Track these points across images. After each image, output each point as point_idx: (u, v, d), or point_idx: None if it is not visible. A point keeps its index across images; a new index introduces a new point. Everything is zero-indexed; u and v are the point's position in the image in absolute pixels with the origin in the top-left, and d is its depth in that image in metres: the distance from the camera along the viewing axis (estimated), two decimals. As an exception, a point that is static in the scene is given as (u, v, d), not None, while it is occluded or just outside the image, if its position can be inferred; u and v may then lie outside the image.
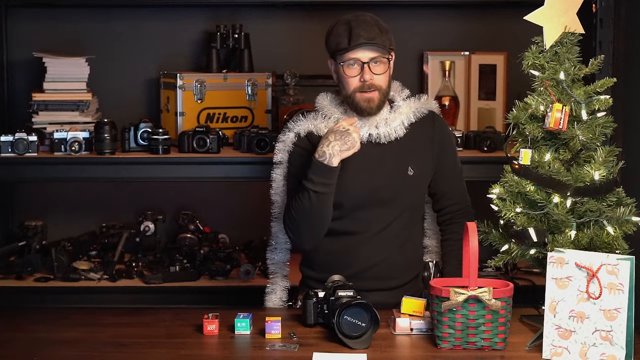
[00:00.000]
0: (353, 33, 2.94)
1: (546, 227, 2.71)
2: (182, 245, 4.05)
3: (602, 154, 2.67)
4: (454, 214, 3.12)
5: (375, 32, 2.95)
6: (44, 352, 2.59)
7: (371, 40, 2.94)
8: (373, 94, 2.98)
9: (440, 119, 3.14)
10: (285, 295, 3.15)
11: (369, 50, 2.95)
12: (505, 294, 2.57)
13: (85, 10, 4.15)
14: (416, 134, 3.06)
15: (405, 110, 3.05)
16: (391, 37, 3.01)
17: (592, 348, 2.47)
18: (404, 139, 3.03)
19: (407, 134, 3.04)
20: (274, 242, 3.16)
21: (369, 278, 3.00)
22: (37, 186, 4.21)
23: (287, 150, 3.07)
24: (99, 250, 4.09)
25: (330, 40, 3.01)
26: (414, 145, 3.05)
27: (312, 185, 2.89)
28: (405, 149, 3.04)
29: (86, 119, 3.84)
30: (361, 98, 2.98)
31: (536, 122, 2.72)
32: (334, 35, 2.99)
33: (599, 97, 2.70)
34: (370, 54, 2.95)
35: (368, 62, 2.95)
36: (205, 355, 2.59)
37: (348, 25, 2.96)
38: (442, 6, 4.16)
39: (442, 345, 2.58)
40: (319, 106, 3.09)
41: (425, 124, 3.08)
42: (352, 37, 2.93)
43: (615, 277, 2.45)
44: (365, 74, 2.95)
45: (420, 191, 3.09)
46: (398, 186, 3.02)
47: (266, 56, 4.13)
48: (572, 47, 2.74)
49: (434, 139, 3.09)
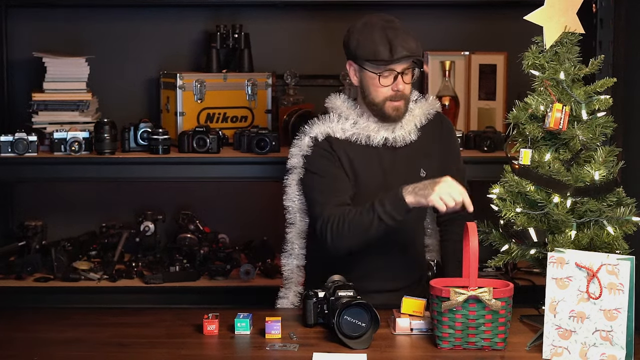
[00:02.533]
0: (394, 44, 2.88)
1: (546, 227, 2.71)
2: (182, 245, 4.05)
3: (602, 154, 2.67)
4: (454, 213, 3.11)
5: (413, 43, 2.91)
6: (44, 352, 2.59)
7: (413, 52, 2.90)
8: (401, 103, 2.97)
9: (447, 121, 3.15)
10: (297, 300, 3.09)
11: (407, 62, 2.93)
12: (505, 294, 2.57)
13: (85, 10, 4.15)
14: (427, 136, 3.06)
15: (417, 112, 3.05)
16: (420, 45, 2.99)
17: (592, 348, 2.47)
18: (416, 141, 3.03)
19: (419, 136, 3.04)
20: (290, 247, 3.11)
21: (376, 279, 3.00)
22: (37, 186, 4.21)
23: (302, 154, 3.01)
24: (99, 250, 4.09)
25: (364, 47, 2.92)
26: (424, 147, 3.05)
27: (382, 210, 2.82)
28: (417, 151, 3.03)
29: (86, 119, 3.84)
30: (390, 106, 2.96)
31: (536, 122, 2.72)
32: (369, 42, 2.91)
33: (599, 97, 2.70)
34: (406, 64, 2.93)
35: (402, 72, 2.93)
36: (205, 355, 2.59)
37: (384, 33, 2.90)
38: (442, 6, 4.16)
39: (442, 345, 2.58)
40: (331, 107, 3.05)
41: (434, 126, 3.09)
42: (395, 50, 2.88)
43: (616, 277, 2.45)
44: (399, 84, 2.93)
45: None
46: None
47: (266, 56, 4.13)
48: (572, 47, 2.74)
49: (442, 140, 3.09)
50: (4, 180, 4.02)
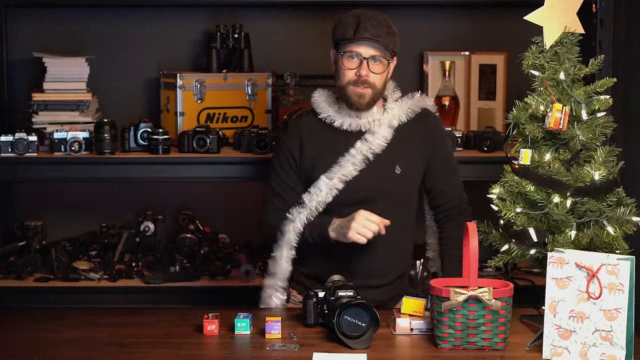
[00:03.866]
0: (361, 26, 2.95)
1: (546, 227, 2.71)
2: (182, 245, 4.05)
3: (602, 154, 2.67)
4: (450, 211, 3.12)
5: (382, 31, 2.97)
6: (44, 352, 2.59)
7: (376, 37, 2.96)
8: (366, 91, 2.99)
9: (433, 117, 3.14)
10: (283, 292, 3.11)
11: (372, 48, 2.97)
12: (505, 294, 2.57)
13: (85, 10, 4.15)
14: (407, 133, 3.07)
15: (397, 112, 3.07)
16: (397, 41, 3.02)
17: (592, 348, 2.47)
18: (393, 139, 3.05)
19: (397, 134, 3.06)
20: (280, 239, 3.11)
21: (355, 275, 3.00)
22: (37, 186, 4.21)
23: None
24: (99, 250, 4.09)
25: (337, 29, 3.02)
26: (403, 144, 3.06)
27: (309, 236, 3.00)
28: (393, 148, 3.05)
29: (86, 119, 3.84)
30: (353, 92, 3.00)
31: (536, 122, 2.72)
32: (342, 24, 3.00)
33: (599, 97, 2.70)
34: (373, 51, 2.97)
35: (369, 58, 2.97)
36: (205, 355, 2.59)
37: (358, 17, 2.98)
38: (442, 6, 4.15)
39: (442, 345, 2.58)
40: (314, 103, 3.12)
41: (417, 123, 3.09)
42: (359, 30, 2.95)
43: (616, 277, 2.45)
44: (362, 69, 2.97)
45: (408, 190, 3.10)
46: (384, 184, 3.04)
47: (266, 56, 4.13)
48: (572, 47, 2.75)
49: (426, 137, 3.10)
50: (4, 180, 4.02)
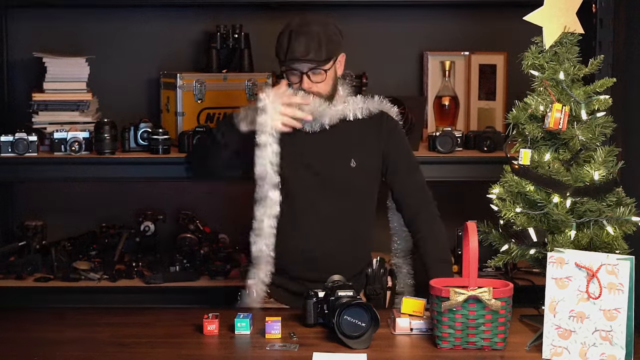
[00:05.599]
0: (290, 47, 3.04)
1: (546, 227, 2.71)
2: (182, 245, 4.05)
3: (602, 154, 2.67)
4: (415, 209, 3.14)
5: (312, 47, 3.03)
6: (44, 352, 2.59)
7: (304, 56, 3.03)
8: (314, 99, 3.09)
9: (390, 120, 3.19)
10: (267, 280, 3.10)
11: (305, 63, 3.05)
12: (505, 294, 2.57)
13: (85, 10, 4.15)
14: (363, 130, 3.13)
15: (351, 107, 3.13)
16: (333, 46, 3.08)
17: (592, 348, 2.47)
18: (349, 133, 3.11)
19: (353, 129, 3.12)
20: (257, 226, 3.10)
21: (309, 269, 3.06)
22: (37, 186, 4.20)
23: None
24: (99, 250, 4.08)
25: (276, 47, 3.11)
26: (359, 140, 3.12)
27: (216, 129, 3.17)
28: (349, 142, 3.11)
29: (86, 119, 3.84)
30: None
31: (536, 122, 2.73)
32: (278, 43, 3.10)
33: (599, 97, 2.70)
34: (307, 65, 3.05)
35: (307, 71, 3.06)
36: (205, 355, 2.59)
37: (289, 36, 3.06)
38: (442, 6, 4.15)
39: (442, 345, 2.59)
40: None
41: (374, 123, 3.15)
42: (289, 51, 3.05)
43: (615, 277, 2.45)
44: (304, 83, 3.07)
45: (364, 184, 3.13)
46: (339, 174, 3.09)
47: (266, 56, 4.11)
48: (572, 47, 2.75)
49: (381, 138, 3.15)
50: (4, 180, 4.02)
